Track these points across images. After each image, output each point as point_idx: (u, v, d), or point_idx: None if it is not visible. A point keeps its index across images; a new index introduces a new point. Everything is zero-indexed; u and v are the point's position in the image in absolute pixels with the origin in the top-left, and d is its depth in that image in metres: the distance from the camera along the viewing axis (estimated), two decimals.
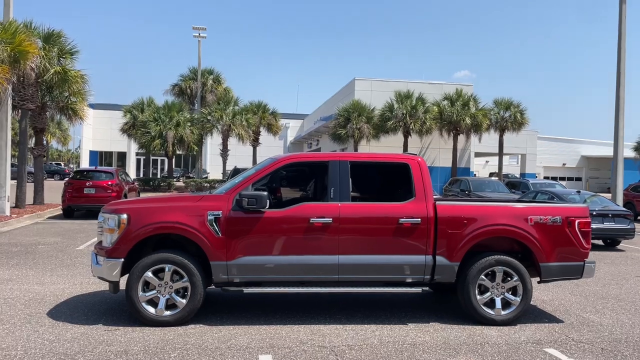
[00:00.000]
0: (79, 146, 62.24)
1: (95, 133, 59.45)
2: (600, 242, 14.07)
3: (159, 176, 46.05)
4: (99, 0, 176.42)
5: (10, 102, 15.89)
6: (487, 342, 5.41)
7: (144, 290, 5.69)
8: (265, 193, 5.76)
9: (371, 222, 5.95)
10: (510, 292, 6.09)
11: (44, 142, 20.17)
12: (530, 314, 6.50)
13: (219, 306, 6.49)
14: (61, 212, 17.66)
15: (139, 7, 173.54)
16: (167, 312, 5.69)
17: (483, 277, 6.03)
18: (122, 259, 5.68)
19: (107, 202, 16.23)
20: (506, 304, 6.08)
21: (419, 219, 5.92)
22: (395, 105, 31.88)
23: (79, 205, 16.73)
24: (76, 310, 6.26)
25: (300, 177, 7.48)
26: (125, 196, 17.63)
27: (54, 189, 23.59)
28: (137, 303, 5.63)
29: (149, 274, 5.67)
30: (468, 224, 5.98)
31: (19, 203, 17.39)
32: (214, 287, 6.09)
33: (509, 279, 6.07)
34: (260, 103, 34.46)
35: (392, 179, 6.67)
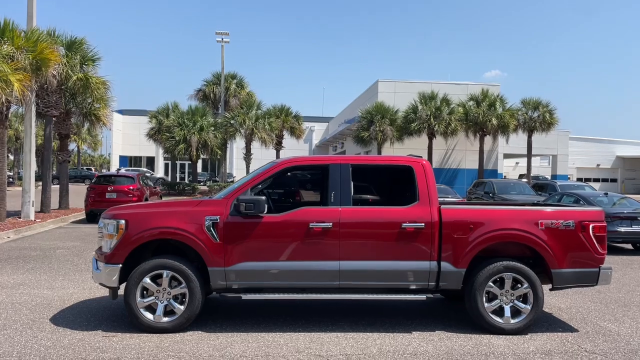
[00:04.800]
0: (110, 152, 63.62)
1: (125, 138, 60.76)
2: (629, 247, 13.50)
3: (186, 180, 46.57)
4: (127, 10, 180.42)
5: (34, 109, 16.26)
6: (492, 352, 5.16)
7: (142, 296, 5.64)
8: (264, 197, 5.65)
9: (373, 227, 5.76)
10: (520, 300, 5.81)
11: (69, 147, 20.49)
12: (543, 322, 6.21)
13: (220, 312, 6.40)
14: (85, 216, 17.98)
15: (164, 14, 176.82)
16: (165, 319, 5.63)
17: (491, 283, 5.77)
18: (121, 265, 5.64)
19: None
20: (516, 312, 5.80)
21: (423, 224, 5.71)
22: (419, 107, 31.51)
23: (101, 210, 16.88)
24: (79, 316, 6.26)
25: (300, 181, 7.36)
26: (147, 200, 17.83)
27: (81, 194, 24.05)
28: (135, 309, 5.58)
29: (147, 280, 5.61)
30: (475, 229, 5.74)
31: (43, 208, 17.76)
32: (216, 294, 6.00)
33: (519, 286, 5.79)
34: (283, 107, 34.52)
35: (395, 183, 6.48)
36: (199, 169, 53.29)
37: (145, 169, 52.96)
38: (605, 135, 67.28)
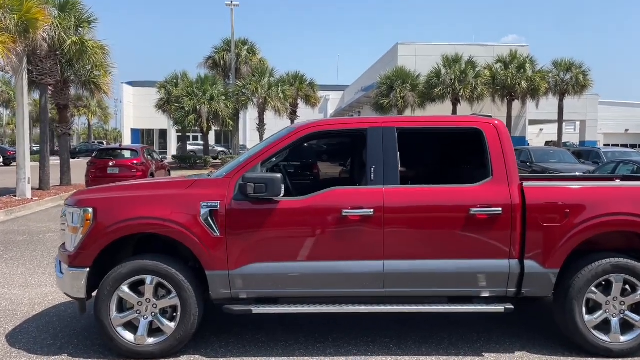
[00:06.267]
0: (122, 125, 62.41)
1: (136, 111, 59.34)
2: None
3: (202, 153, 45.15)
4: None
5: (25, 76, 14.78)
6: None
7: (119, 311, 4.18)
8: (279, 175, 4.10)
9: (429, 214, 4.20)
10: (632, 310, 4.24)
11: (69, 119, 19.07)
12: None
13: (225, 324, 4.92)
14: None
15: None
16: (151, 340, 4.17)
17: (594, 289, 4.20)
18: (88, 268, 4.17)
19: None
20: (626, 326, 4.24)
21: (500, 208, 4.13)
22: (443, 71, 29.47)
23: None
24: (45, 330, 4.85)
25: (328, 152, 5.78)
26: (152, 175, 16.49)
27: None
28: (110, 328, 4.13)
29: (125, 288, 4.15)
30: (572, 214, 4.14)
31: (42, 185, 16.47)
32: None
33: (631, 291, 4.22)
34: (297, 74, 32.71)
35: (458, 153, 4.89)
36: (212, 141, 51.87)
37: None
38: (634, 99, 64.32)
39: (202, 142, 45.36)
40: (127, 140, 57.37)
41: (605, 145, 51.45)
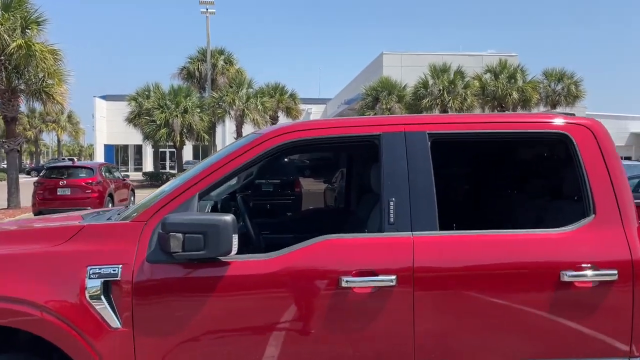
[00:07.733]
0: (94, 140, 60.03)
1: (110, 126, 57.11)
2: None
3: (175, 170, 43.12)
4: None
5: None
6: None
7: None
8: (229, 218, 2.28)
9: (491, 281, 2.43)
10: None
11: (17, 133, 17.04)
12: None
13: None
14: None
15: None
16: None
17: None
18: None
19: (85, 205, 12.97)
20: None
21: (614, 271, 2.38)
22: (431, 81, 28.13)
23: (52, 210, 13.49)
24: None
25: (313, 172, 3.94)
26: (111, 196, 14.50)
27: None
28: None
29: None
30: None
31: None
32: None
33: None
34: (277, 85, 31.12)
35: (530, 174, 3.12)
36: (190, 157, 49.87)
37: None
38: (618, 111, 64.17)
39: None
40: (99, 157, 55.00)
41: None
